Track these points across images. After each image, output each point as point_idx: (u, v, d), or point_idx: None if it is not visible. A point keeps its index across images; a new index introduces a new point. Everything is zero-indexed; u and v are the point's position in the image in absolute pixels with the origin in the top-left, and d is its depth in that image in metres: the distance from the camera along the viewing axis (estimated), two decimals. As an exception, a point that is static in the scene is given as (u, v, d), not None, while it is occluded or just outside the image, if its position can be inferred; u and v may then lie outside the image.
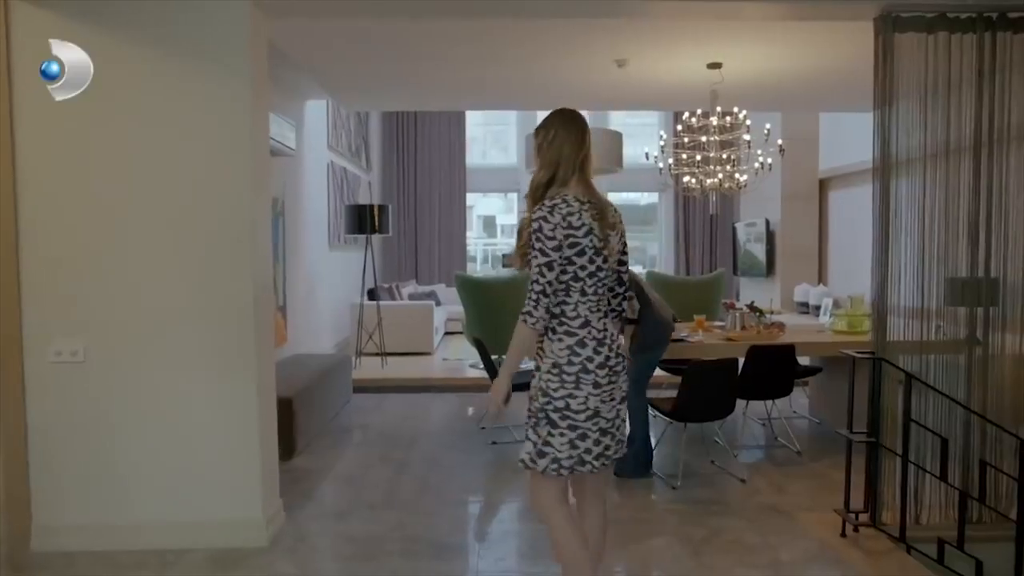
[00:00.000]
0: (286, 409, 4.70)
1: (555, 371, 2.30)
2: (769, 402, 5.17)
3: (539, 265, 2.24)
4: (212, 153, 3.29)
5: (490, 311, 6.99)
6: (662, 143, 5.74)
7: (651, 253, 12.47)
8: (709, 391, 4.24)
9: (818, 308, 8.92)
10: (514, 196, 12.13)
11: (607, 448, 2.35)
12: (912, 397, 3.40)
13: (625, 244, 2.44)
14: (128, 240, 3.29)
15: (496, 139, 12.50)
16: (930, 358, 3.61)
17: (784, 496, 4.05)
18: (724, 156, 5.55)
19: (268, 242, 3.66)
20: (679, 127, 5.57)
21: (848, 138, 8.69)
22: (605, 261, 2.30)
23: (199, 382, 3.33)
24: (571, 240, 2.25)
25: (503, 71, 5.85)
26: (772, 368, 4.71)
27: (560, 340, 2.30)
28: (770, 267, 9.81)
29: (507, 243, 12.60)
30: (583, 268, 2.27)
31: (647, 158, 5.98)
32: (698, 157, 5.50)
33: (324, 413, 5.65)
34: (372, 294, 8.58)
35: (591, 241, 2.27)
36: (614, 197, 2.89)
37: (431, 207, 11.54)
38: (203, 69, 3.26)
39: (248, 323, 3.30)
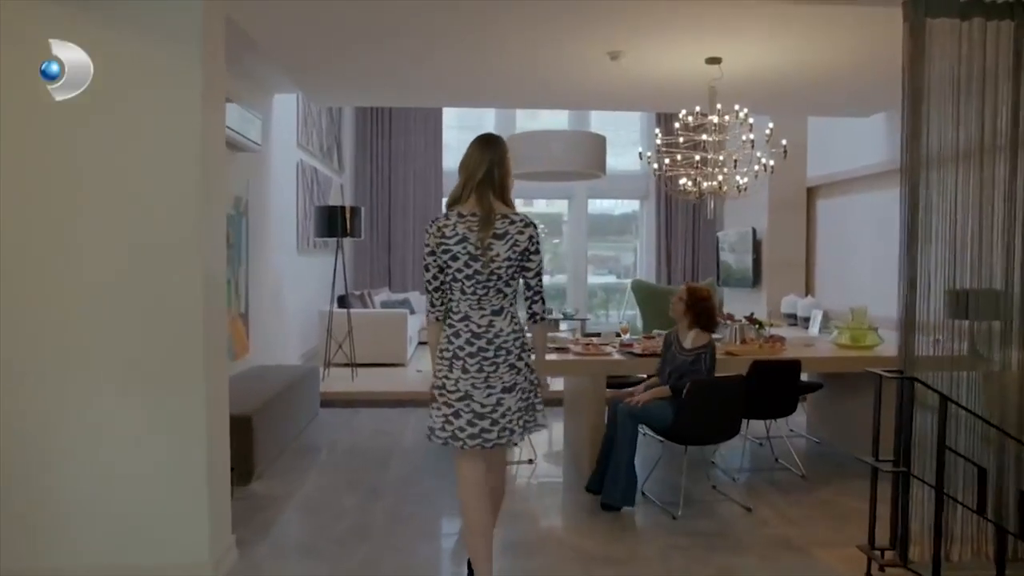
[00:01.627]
0: (244, 428, 4.24)
1: (439, 355, 2.71)
2: (767, 420, 4.82)
3: (423, 268, 2.75)
4: (156, 142, 2.83)
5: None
6: (658, 141, 5.36)
7: (624, 263, 12.21)
8: (713, 411, 3.86)
9: (807, 320, 8.64)
10: (492, 201, 11.71)
11: (484, 431, 2.62)
12: (932, 419, 3.04)
13: (526, 252, 2.65)
14: (52, 237, 2.82)
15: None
16: (957, 377, 3.26)
17: (796, 528, 3.68)
18: (720, 158, 5.19)
19: (221, 242, 3.22)
20: (676, 124, 5.20)
21: (837, 145, 8.43)
22: (485, 266, 2.60)
23: (134, 400, 2.85)
24: (443, 247, 2.63)
25: (487, 62, 5.47)
26: (776, 385, 4.36)
27: (444, 330, 2.71)
28: (756, 278, 9.51)
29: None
30: (459, 271, 2.63)
31: (640, 158, 5.61)
32: (696, 157, 5.14)
33: (288, 431, 5.19)
34: (343, 301, 8.12)
35: (464, 248, 2.61)
36: (594, 204, 2.93)
37: (405, 212, 11.08)
38: (147, 49, 2.81)
39: (195, 332, 2.85)
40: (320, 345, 7.85)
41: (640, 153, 5.60)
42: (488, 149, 2.70)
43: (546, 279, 12.16)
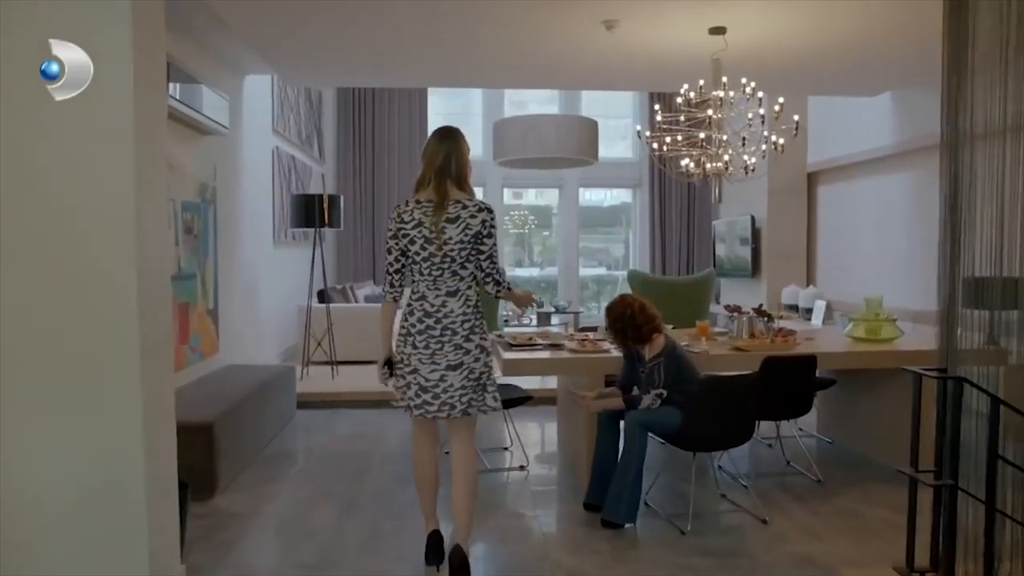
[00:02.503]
0: (205, 436, 3.84)
1: (399, 331, 2.91)
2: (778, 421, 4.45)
3: (386, 251, 2.95)
4: (79, 111, 2.40)
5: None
6: (658, 118, 4.93)
7: (615, 255, 11.92)
8: (726, 413, 3.48)
9: (809, 311, 8.30)
10: (480, 191, 11.31)
11: (427, 403, 2.83)
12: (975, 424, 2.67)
13: (479, 235, 2.79)
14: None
15: (463, 130, 11.64)
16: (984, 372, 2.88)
17: (819, 543, 3.31)
18: (725, 137, 4.79)
19: (162, 229, 2.79)
20: (679, 99, 4.79)
21: (839, 128, 8.07)
22: (439, 248, 2.76)
23: (55, 412, 2.40)
24: (402, 232, 2.82)
25: (471, 35, 5.05)
26: (790, 383, 3.99)
27: (403, 309, 2.92)
28: (755, 267, 9.16)
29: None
30: (417, 254, 2.80)
31: (639, 137, 5.20)
32: (701, 135, 4.73)
33: (259, 436, 4.78)
34: (323, 296, 7.70)
35: (420, 232, 2.78)
36: (584, 195, 2.55)
37: (391, 202, 10.62)
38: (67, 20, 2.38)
39: (128, 333, 2.41)
40: (300, 342, 7.42)
41: (638, 132, 5.19)
42: (446, 140, 2.89)
43: (537, 271, 11.85)
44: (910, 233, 7.03)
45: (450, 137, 2.90)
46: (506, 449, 4.86)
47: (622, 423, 3.62)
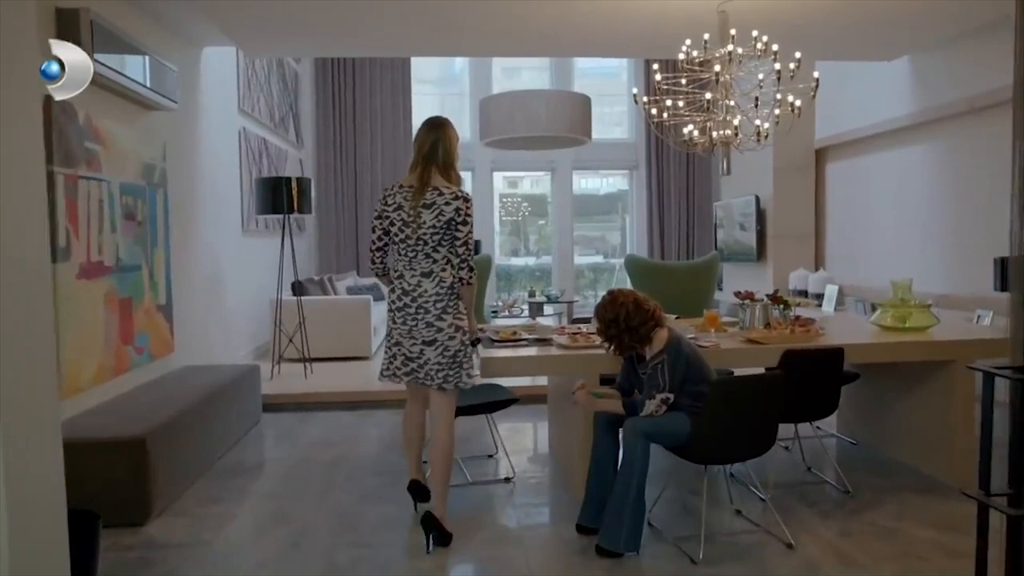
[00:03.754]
0: (134, 453, 3.30)
1: (387, 307, 3.16)
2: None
3: (371, 229, 3.21)
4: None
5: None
6: (657, 77, 4.33)
7: (612, 243, 11.53)
8: (744, 419, 2.94)
9: (819, 297, 7.77)
10: (467, 175, 10.76)
11: (415, 371, 3.06)
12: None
13: (452, 222, 2.94)
14: None
15: (450, 111, 11.09)
16: None
17: (859, 573, 2.78)
18: (732, 103, 4.22)
19: (35, 211, 2.23)
20: (681, 55, 4.20)
21: (850, 100, 7.50)
22: (414, 231, 2.95)
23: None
24: (384, 214, 3.07)
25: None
26: (814, 379, 3.46)
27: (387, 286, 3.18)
28: (760, 251, 8.61)
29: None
30: (396, 235, 3.04)
31: (635, 102, 4.62)
32: (707, 96, 4.15)
33: (210, 448, 4.24)
34: (298, 288, 7.15)
35: (399, 215, 3.01)
36: (579, 184, 2.28)
37: (375, 189, 10.07)
38: None
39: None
40: (277, 339, 6.87)
41: (634, 95, 4.60)
42: (434, 128, 3.05)
43: (533, 260, 11.30)
44: (931, 210, 6.49)
45: (438, 125, 3.05)
46: (491, 457, 4.32)
47: (621, 430, 3.08)
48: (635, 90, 4.71)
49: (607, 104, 11.01)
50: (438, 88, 11.03)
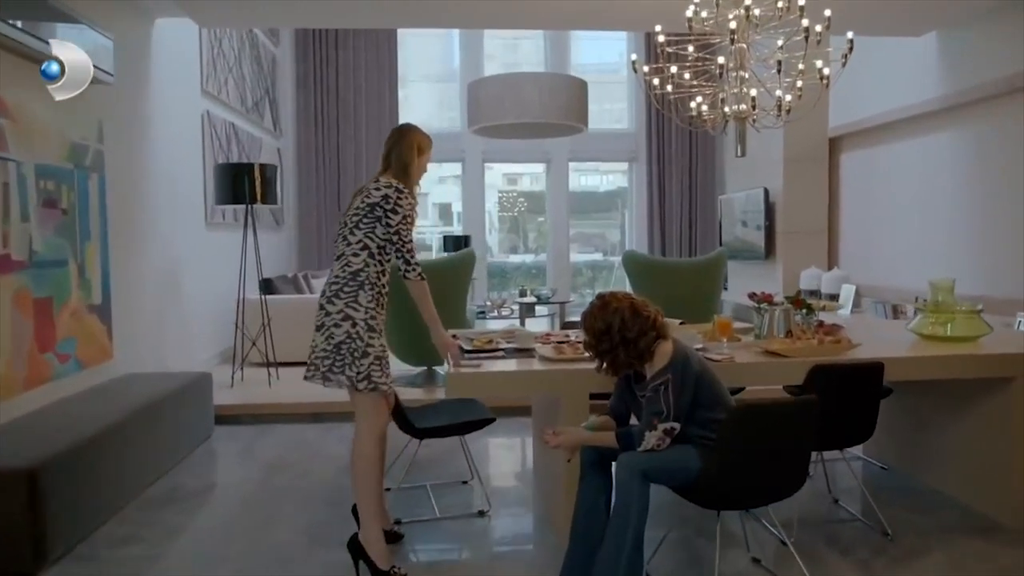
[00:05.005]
0: (21, 488, 2.72)
1: None
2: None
3: None
4: None
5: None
6: (660, 39, 3.69)
7: (611, 240, 11.07)
8: (767, 456, 2.35)
9: (833, 298, 7.21)
10: (458, 166, 10.17)
11: (309, 364, 2.80)
12: None
13: (375, 206, 2.77)
14: None
15: (439, 99, 10.50)
16: None
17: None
18: (746, 75, 3.61)
19: None
20: (688, 13, 3.58)
21: (869, 84, 6.91)
22: (342, 217, 2.87)
23: None
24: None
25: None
26: (847, 399, 2.88)
27: None
28: (769, 248, 8.02)
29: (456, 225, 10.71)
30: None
31: (635, 71, 4.00)
32: (720, 60, 3.54)
33: (138, 473, 3.65)
34: (268, 286, 6.57)
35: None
36: (577, 181, 3.31)
37: (359, 183, 9.46)
38: None
39: None
40: (240, 342, 6.28)
41: (633, 64, 3.98)
42: (394, 135, 2.97)
43: (530, 258, 10.71)
44: (959, 204, 5.91)
45: (398, 132, 3.00)
46: (464, 483, 3.73)
47: (614, 464, 2.49)
48: (634, 56, 4.09)
49: (606, 101, 10.45)
50: (427, 79, 10.45)
